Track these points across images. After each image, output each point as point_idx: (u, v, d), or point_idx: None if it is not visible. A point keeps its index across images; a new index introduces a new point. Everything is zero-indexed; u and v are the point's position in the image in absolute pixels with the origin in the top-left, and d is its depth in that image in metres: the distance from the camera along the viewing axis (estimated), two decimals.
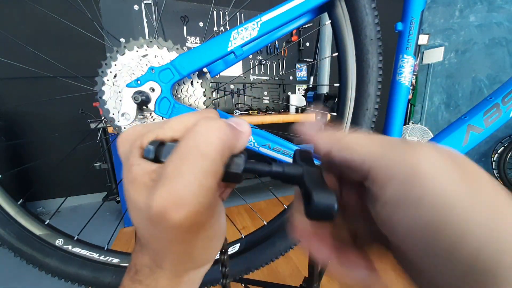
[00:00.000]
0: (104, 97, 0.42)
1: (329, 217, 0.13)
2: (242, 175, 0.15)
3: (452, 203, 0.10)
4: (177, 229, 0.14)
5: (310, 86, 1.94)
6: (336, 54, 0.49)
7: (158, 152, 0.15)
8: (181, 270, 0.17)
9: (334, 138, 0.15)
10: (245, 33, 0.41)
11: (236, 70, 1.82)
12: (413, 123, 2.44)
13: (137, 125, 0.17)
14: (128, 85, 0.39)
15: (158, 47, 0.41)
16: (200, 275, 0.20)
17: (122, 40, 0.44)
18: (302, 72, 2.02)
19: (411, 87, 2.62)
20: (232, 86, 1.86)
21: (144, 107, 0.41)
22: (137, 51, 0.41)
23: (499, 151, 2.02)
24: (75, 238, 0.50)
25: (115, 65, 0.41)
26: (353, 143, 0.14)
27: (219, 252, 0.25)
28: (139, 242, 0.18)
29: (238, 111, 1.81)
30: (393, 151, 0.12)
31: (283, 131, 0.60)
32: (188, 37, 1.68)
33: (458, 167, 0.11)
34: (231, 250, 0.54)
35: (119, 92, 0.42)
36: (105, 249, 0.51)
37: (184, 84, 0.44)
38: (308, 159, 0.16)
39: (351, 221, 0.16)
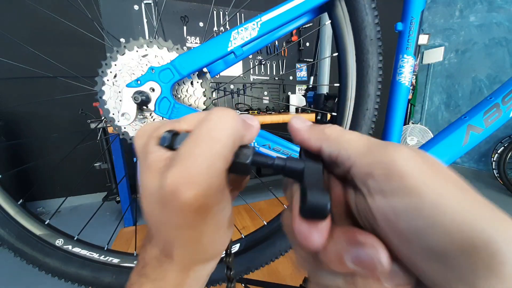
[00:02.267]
0: (104, 97, 0.42)
1: (321, 216, 0.13)
2: (249, 166, 0.16)
3: (424, 190, 0.11)
4: (187, 208, 0.14)
5: (310, 86, 1.94)
6: (336, 54, 0.49)
7: (173, 140, 0.16)
8: (189, 262, 0.17)
9: (324, 134, 0.16)
10: (245, 33, 0.41)
11: (236, 70, 1.81)
12: (413, 123, 2.44)
13: (154, 122, 0.18)
14: (128, 85, 0.39)
15: (158, 47, 0.41)
16: (206, 273, 0.19)
17: (122, 40, 0.44)
18: (302, 72, 2.02)
19: (411, 87, 2.62)
20: (232, 86, 1.86)
21: (144, 107, 0.41)
22: (137, 51, 0.41)
23: (499, 151, 2.01)
24: (75, 238, 0.50)
25: (115, 65, 0.41)
26: (342, 140, 0.15)
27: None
28: (149, 235, 0.18)
29: (238, 111, 1.81)
30: (374, 150, 0.13)
31: (283, 131, 0.60)
32: (188, 37, 1.68)
33: (427, 163, 0.12)
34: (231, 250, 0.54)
35: (119, 92, 0.42)
36: (105, 249, 0.51)
37: (184, 84, 0.44)
38: (313, 155, 0.17)
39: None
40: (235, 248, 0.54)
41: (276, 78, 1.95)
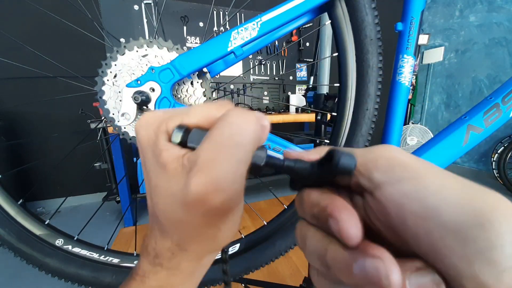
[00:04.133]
0: (104, 97, 0.42)
1: (349, 172, 0.14)
2: (263, 167, 0.16)
3: (425, 174, 0.12)
4: (212, 213, 0.15)
5: (310, 86, 1.94)
6: (336, 54, 0.49)
7: (185, 137, 0.15)
8: (203, 253, 0.18)
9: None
10: (245, 33, 0.41)
11: (236, 70, 1.81)
12: (413, 123, 2.44)
13: (157, 110, 0.19)
14: (128, 85, 0.39)
15: (158, 47, 0.41)
16: (213, 258, 0.21)
17: (122, 40, 0.44)
18: (302, 72, 2.02)
19: (411, 87, 2.62)
20: (232, 86, 1.86)
21: (144, 107, 0.41)
22: (137, 51, 0.41)
23: (499, 151, 2.01)
24: (75, 238, 0.50)
25: (115, 65, 0.41)
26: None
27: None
28: (156, 227, 0.18)
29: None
30: (371, 148, 0.15)
31: (283, 131, 0.60)
32: (188, 37, 1.68)
33: (418, 158, 0.14)
34: (231, 250, 0.54)
35: (119, 92, 0.42)
36: (105, 249, 0.51)
37: (184, 84, 0.44)
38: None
39: None
40: (235, 248, 0.54)
41: (276, 78, 1.95)
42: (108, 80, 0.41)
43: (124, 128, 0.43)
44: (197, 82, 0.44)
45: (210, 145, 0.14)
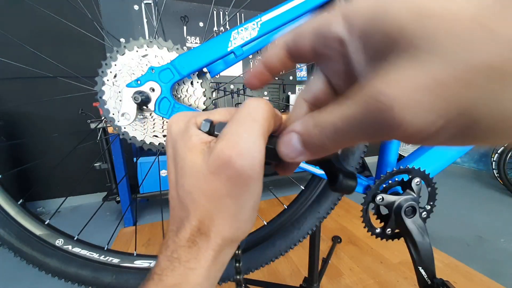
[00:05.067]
0: (104, 97, 0.42)
1: (350, 192, 0.18)
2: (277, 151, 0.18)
3: None
4: (237, 177, 0.16)
5: None
6: None
7: (211, 127, 0.18)
8: (222, 241, 0.18)
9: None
10: (245, 33, 0.41)
11: (236, 70, 1.82)
12: None
13: (185, 111, 0.21)
14: (128, 85, 0.39)
15: (158, 47, 0.41)
16: (228, 259, 0.20)
17: (122, 40, 0.44)
18: (302, 72, 2.02)
19: None
20: (232, 86, 1.86)
21: (144, 107, 0.41)
22: (137, 51, 0.41)
23: (499, 151, 2.01)
24: (75, 238, 0.50)
25: (115, 65, 0.41)
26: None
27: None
28: (178, 218, 0.19)
29: None
30: None
31: None
32: (188, 37, 1.68)
33: None
34: None
35: (119, 92, 0.42)
36: (105, 249, 0.51)
37: (184, 84, 0.44)
38: None
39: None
40: None
41: (276, 78, 1.95)
42: (108, 80, 0.41)
43: (124, 128, 0.43)
44: (197, 82, 0.44)
45: (232, 122, 0.17)
